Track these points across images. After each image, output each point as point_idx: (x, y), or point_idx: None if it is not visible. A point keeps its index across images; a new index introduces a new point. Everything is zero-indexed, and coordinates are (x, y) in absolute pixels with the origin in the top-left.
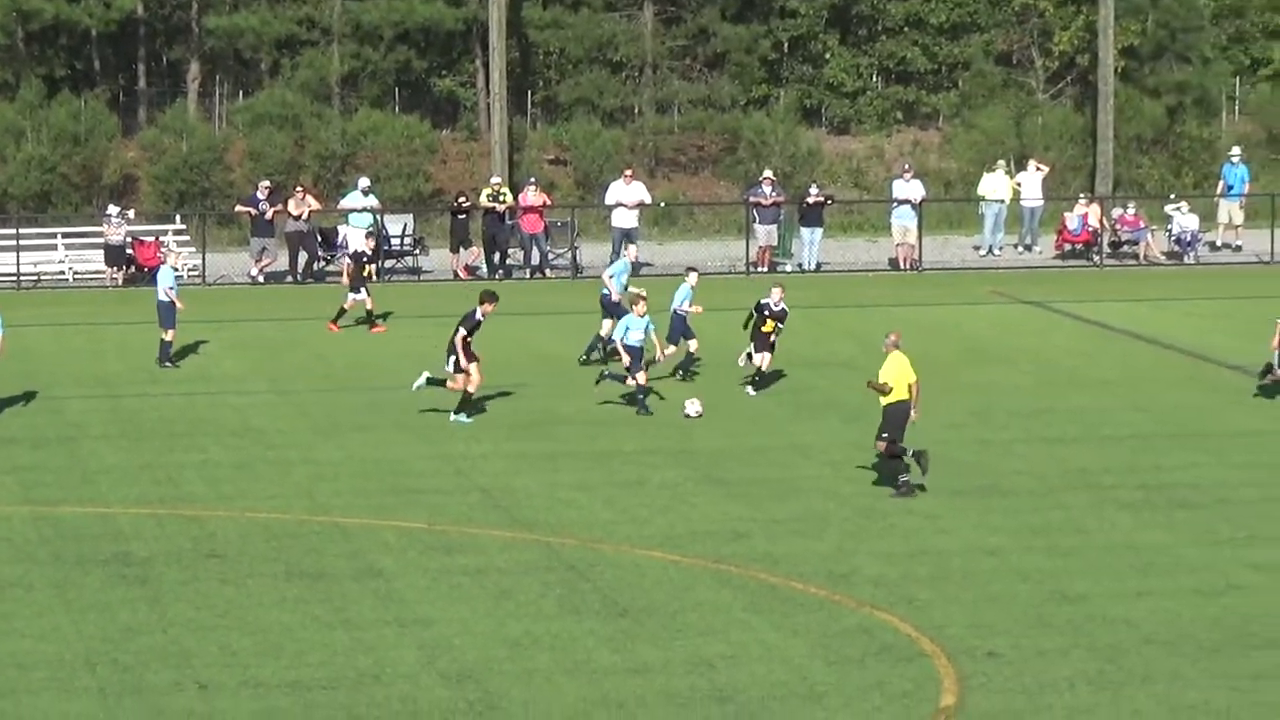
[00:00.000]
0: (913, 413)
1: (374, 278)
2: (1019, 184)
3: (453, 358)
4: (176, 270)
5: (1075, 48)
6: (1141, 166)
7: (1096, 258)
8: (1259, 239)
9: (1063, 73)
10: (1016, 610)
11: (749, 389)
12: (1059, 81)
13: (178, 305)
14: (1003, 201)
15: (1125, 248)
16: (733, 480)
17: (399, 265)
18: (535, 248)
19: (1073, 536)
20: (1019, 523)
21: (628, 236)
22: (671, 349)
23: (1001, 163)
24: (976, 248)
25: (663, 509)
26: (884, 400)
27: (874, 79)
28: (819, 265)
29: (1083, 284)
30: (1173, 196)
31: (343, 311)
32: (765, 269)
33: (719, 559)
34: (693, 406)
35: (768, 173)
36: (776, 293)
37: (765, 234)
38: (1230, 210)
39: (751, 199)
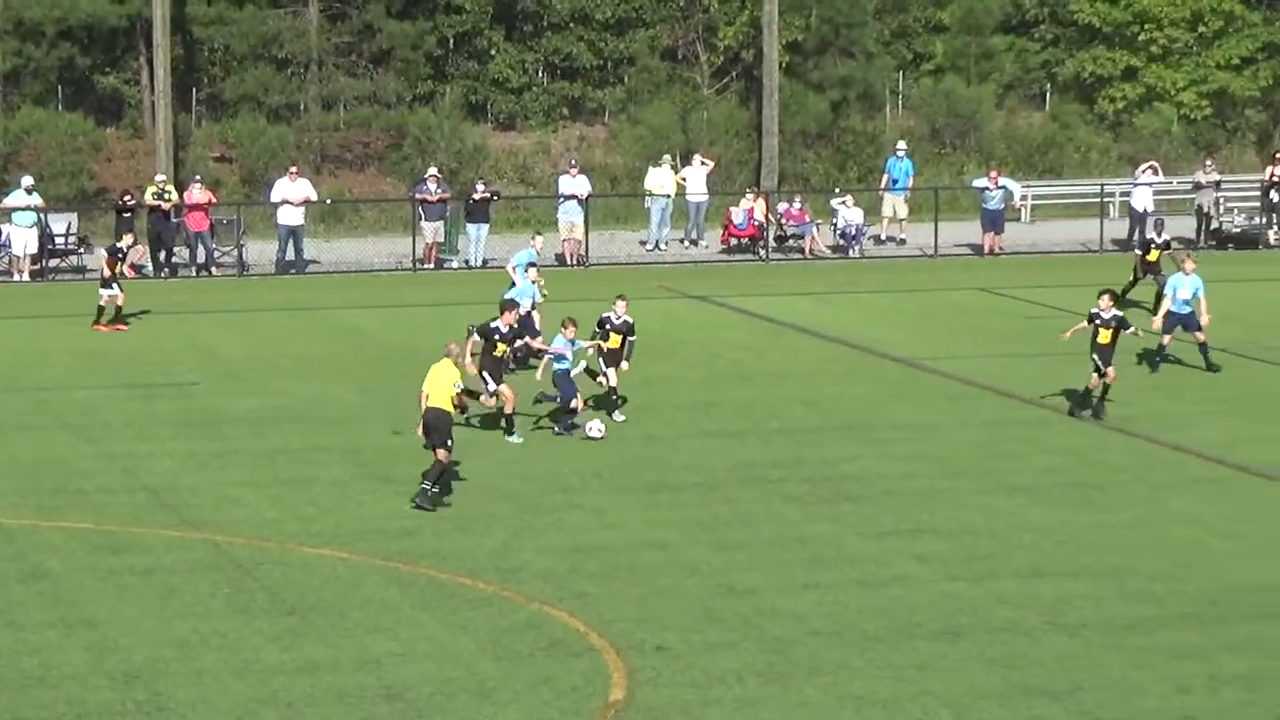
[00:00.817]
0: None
1: (124, 274)
2: (684, 179)
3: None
4: None
5: (740, 43)
6: (806, 161)
7: (762, 252)
8: (922, 232)
9: (728, 68)
10: (685, 604)
11: (616, 415)
12: (724, 77)
13: None
14: (668, 196)
15: (791, 242)
16: (401, 478)
17: (63, 264)
18: (201, 245)
19: (740, 530)
20: (686, 517)
21: (293, 235)
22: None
23: (667, 157)
24: (643, 243)
25: (331, 507)
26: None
27: (540, 75)
28: (485, 261)
29: (749, 278)
30: (837, 190)
31: (101, 310)
32: (432, 266)
33: (387, 556)
34: (595, 428)
35: (433, 169)
36: (621, 305)
37: (432, 231)
38: (894, 204)
39: (417, 195)
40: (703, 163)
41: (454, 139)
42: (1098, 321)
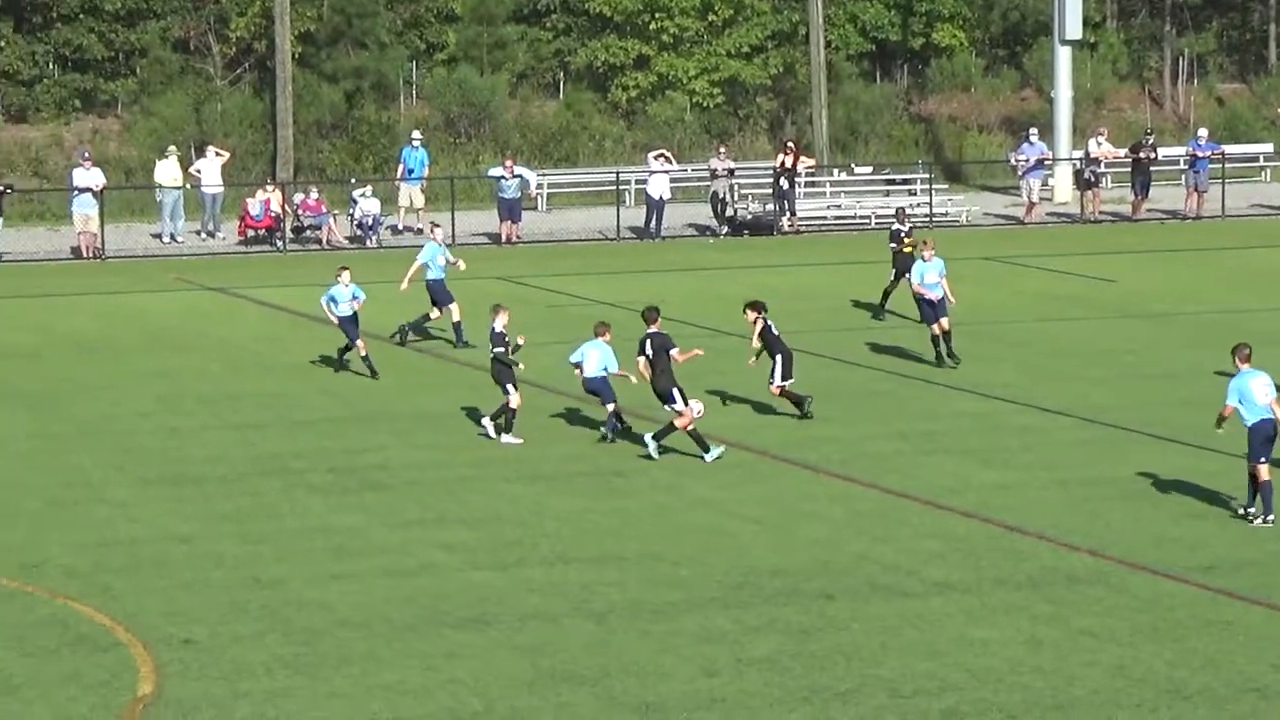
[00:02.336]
0: None
1: None
2: (198, 170)
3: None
4: None
5: (252, 34)
6: (322, 151)
7: (280, 243)
8: (440, 221)
9: (240, 59)
10: (211, 597)
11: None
12: (237, 68)
13: None
14: (179, 188)
15: (308, 232)
16: None
17: None
18: None
19: (265, 522)
20: (211, 509)
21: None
22: None
23: (173, 148)
24: (157, 235)
25: None
26: None
27: (50, 67)
28: (1, 255)
29: (266, 269)
30: (353, 181)
31: None
32: None
33: None
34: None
35: None
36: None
37: None
38: (411, 193)
39: None
40: (217, 154)
41: None
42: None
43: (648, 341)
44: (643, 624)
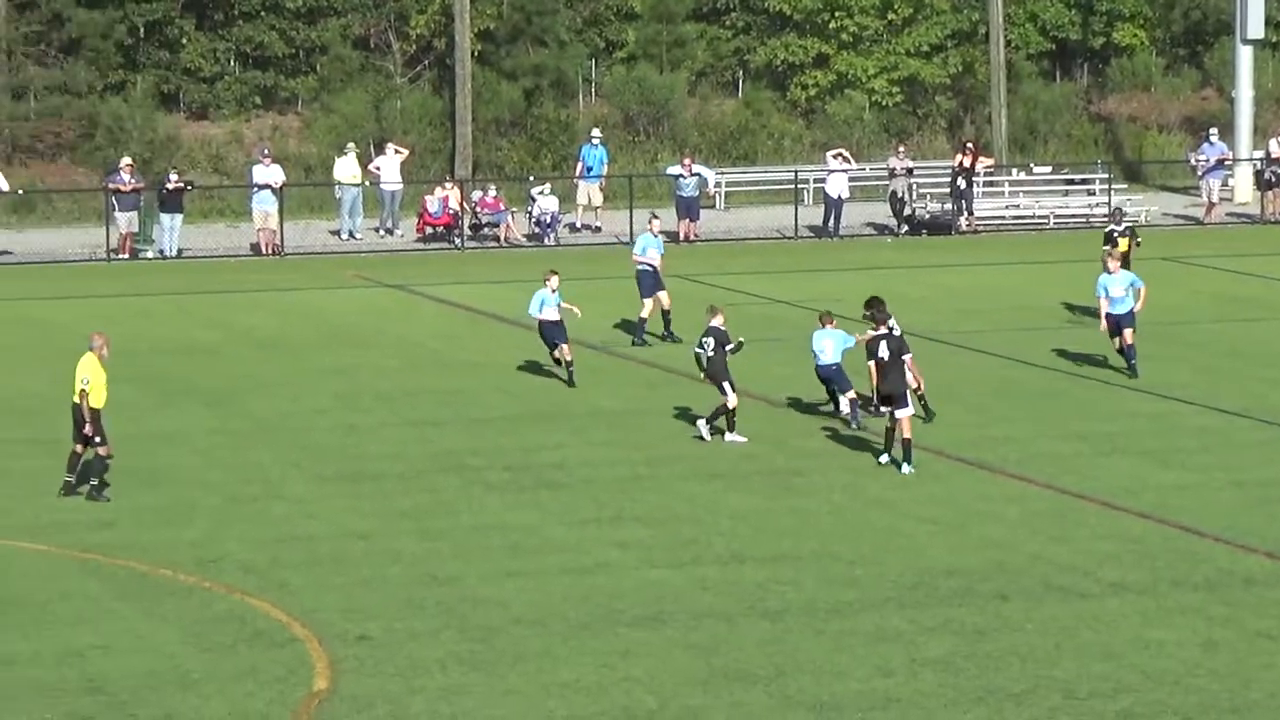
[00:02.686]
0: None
1: None
2: (377, 168)
3: None
4: None
5: (432, 31)
6: (500, 149)
7: (458, 240)
8: (618, 220)
9: (420, 56)
10: (388, 593)
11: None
12: (416, 65)
13: None
14: (358, 185)
15: (486, 230)
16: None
17: None
18: None
19: (442, 519)
20: (388, 506)
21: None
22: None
23: (352, 146)
24: (335, 232)
25: (27, 499)
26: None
27: (231, 64)
28: (180, 251)
29: (445, 267)
30: (532, 178)
31: None
32: (127, 256)
33: (87, 549)
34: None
35: (126, 159)
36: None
37: (125, 221)
38: (590, 192)
39: (110, 185)
40: (397, 151)
41: (146, 129)
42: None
43: (882, 343)
44: (817, 623)
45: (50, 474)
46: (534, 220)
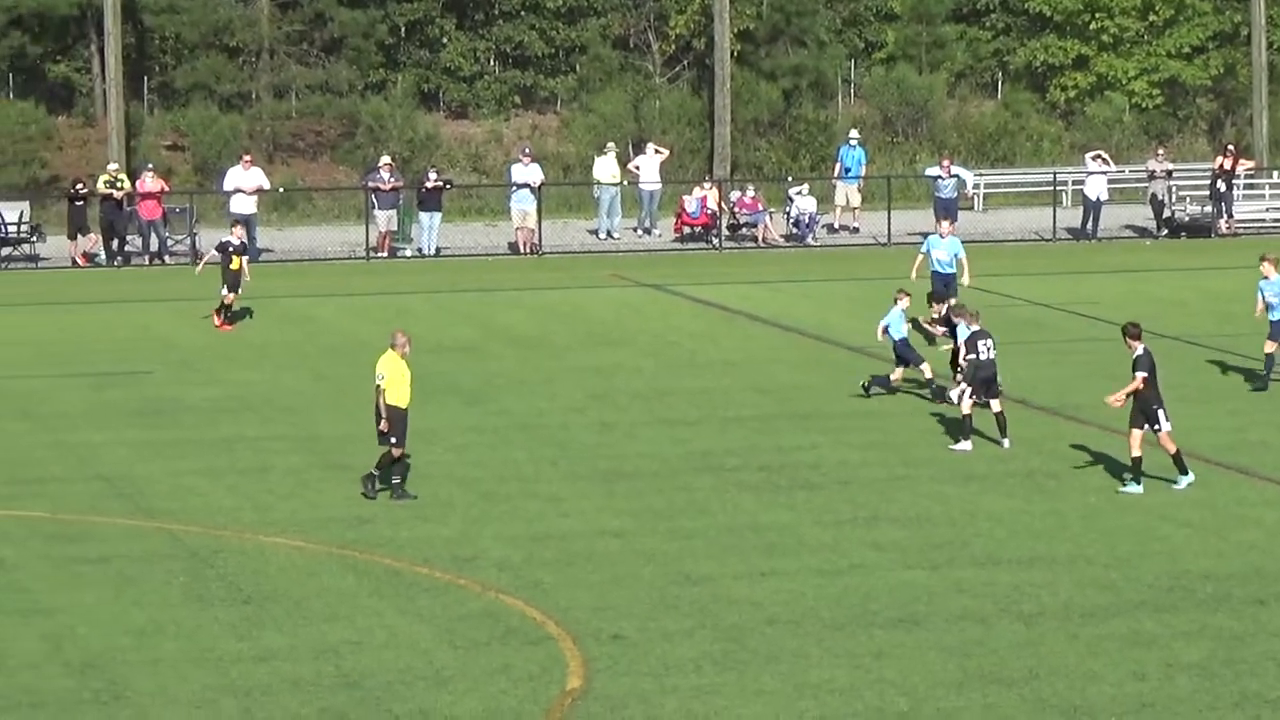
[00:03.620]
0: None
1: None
2: (637, 167)
3: None
4: None
5: (691, 32)
6: (759, 149)
7: (715, 240)
8: (876, 221)
9: (679, 56)
10: (641, 592)
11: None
12: (676, 65)
13: None
14: (617, 184)
15: (744, 230)
16: (356, 466)
17: (15, 253)
18: (154, 234)
19: (696, 518)
20: (642, 505)
21: (247, 223)
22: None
23: (612, 145)
24: (594, 231)
25: (287, 495)
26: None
27: (491, 63)
28: (439, 250)
29: (702, 267)
30: (790, 179)
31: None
32: (386, 254)
33: (343, 544)
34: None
35: (386, 158)
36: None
37: (385, 219)
38: (848, 192)
39: (370, 184)
40: (656, 151)
41: (406, 127)
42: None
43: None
44: (1072, 627)
45: (309, 470)
46: (792, 221)
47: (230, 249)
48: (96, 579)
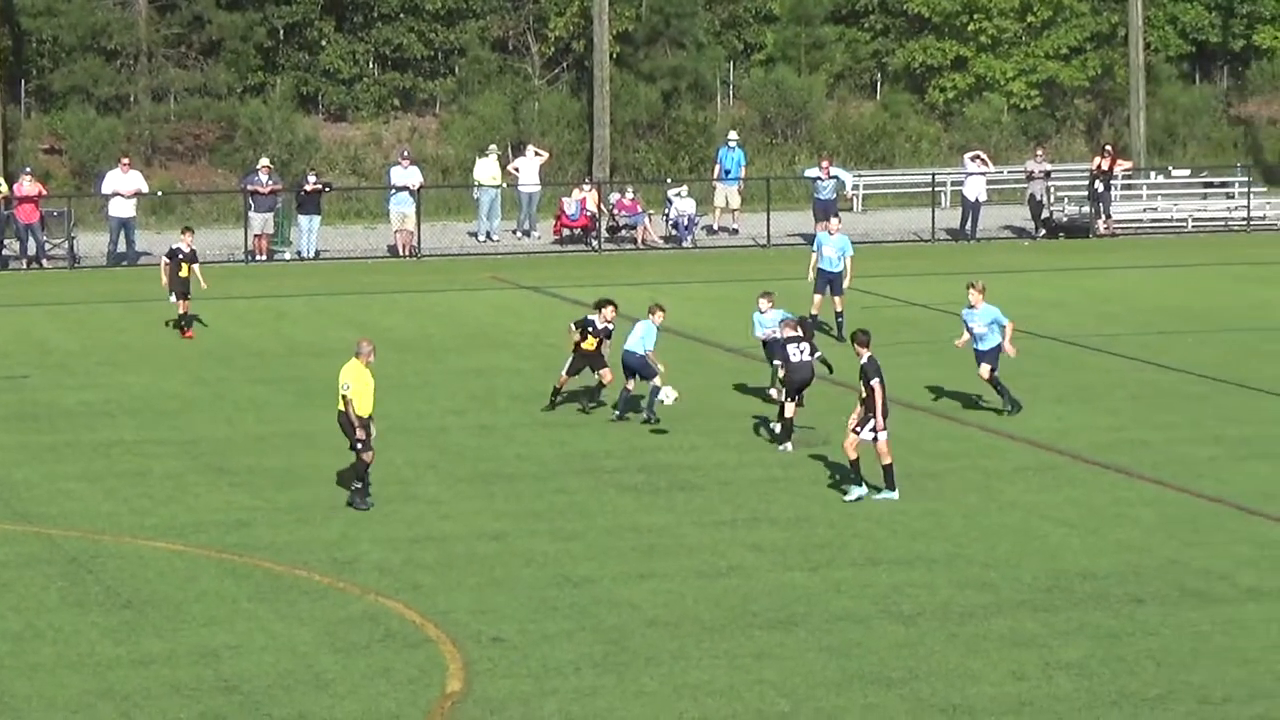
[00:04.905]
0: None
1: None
2: (516, 169)
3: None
4: None
5: (570, 34)
6: (638, 151)
7: (594, 242)
8: (755, 222)
9: (558, 58)
10: (521, 595)
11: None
12: (555, 67)
13: None
14: (497, 186)
15: (623, 232)
16: (235, 469)
17: None
18: (31, 238)
19: (576, 520)
20: (522, 507)
21: (125, 227)
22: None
23: (493, 147)
24: (473, 234)
25: (166, 499)
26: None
27: (370, 66)
28: (318, 253)
29: (581, 268)
30: (669, 181)
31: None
32: (264, 257)
33: (223, 548)
34: (669, 394)
35: (264, 160)
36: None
37: (261, 222)
38: (727, 194)
39: (249, 187)
40: (536, 153)
41: (285, 130)
42: None
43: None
44: (951, 626)
45: (188, 474)
46: (671, 222)
47: (180, 256)
48: None
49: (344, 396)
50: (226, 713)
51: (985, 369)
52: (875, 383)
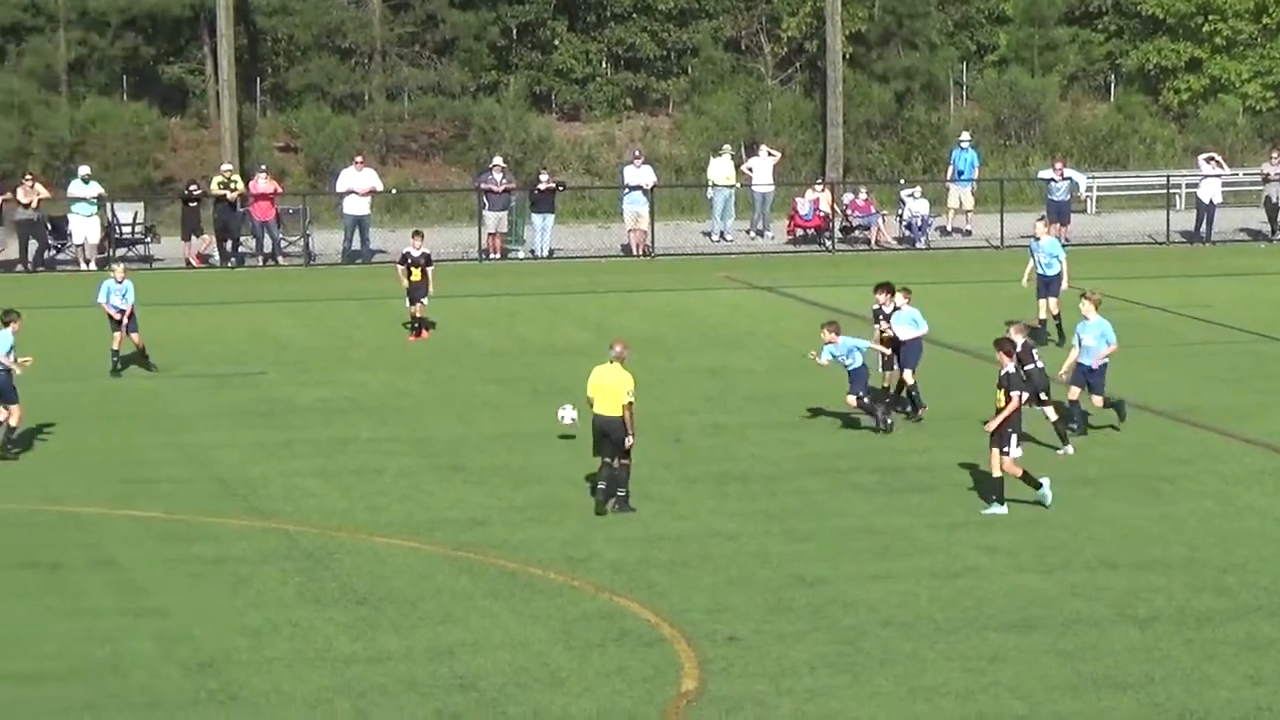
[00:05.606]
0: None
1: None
2: (749, 169)
3: None
4: None
5: (803, 34)
6: (871, 152)
7: (828, 243)
8: (988, 223)
9: (791, 59)
10: (756, 594)
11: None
12: (788, 67)
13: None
14: (731, 186)
15: (856, 233)
16: (470, 467)
17: (130, 254)
18: (267, 235)
19: (810, 520)
20: (756, 507)
21: (359, 224)
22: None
23: (728, 147)
24: (706, 233)
25: (401, 496)
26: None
27: (603, 65)
28: (551, 252)
29: (814, 269)
30: (903, 181)
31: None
32: (497, 256)
33: (458, 546)
34: (568, 413)
35: (498, 159)
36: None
37: (495, 221)
38: (960, 195)
39: (482, 185)
40: (769, 153)
41: (519, 129)
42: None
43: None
44: (1187, 631)
45: (422, 472)
46: (904, 223)
47: (409, 260)
48: (212, 579)
49: (629, 404)
50: (462, 710)
51: (1081, 392)
52: (1016, 395)
